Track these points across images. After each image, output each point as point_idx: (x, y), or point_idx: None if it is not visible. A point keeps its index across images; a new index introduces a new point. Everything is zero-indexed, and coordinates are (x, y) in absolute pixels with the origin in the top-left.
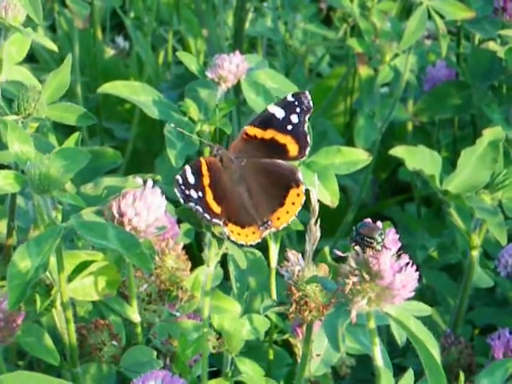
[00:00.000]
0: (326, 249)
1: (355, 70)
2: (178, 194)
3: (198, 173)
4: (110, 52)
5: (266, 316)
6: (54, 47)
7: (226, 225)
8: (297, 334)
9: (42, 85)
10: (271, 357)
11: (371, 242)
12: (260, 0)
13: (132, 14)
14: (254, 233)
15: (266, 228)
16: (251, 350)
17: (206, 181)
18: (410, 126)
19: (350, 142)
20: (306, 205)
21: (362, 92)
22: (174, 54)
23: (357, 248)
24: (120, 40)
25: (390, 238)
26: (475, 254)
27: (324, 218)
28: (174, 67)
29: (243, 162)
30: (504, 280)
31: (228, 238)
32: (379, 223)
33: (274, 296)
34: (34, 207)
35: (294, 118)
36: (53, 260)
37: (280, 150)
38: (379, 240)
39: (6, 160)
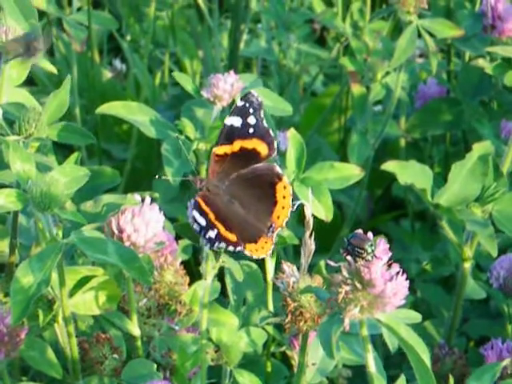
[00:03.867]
0: (322, 263)
1: (348, 88)
2: (205, 242)
3: (202, 212)
4: (107, 75)
5: (263, 329)
6: (53, 69)
7: (245, 247)
8: (293, 346)
9: (41, 106)
10: (269, 369)
11: (362, 253)
12: (254, 21)
13: (128, 37)
14: (266, 242)
15: (273, 232)
16: (249, 364)
17: (212, 216)
18: (402, 143)
19: (344, 159)
20: (302, 220)
21: (354, 109)
22: (170, 76)
23: (349, 258)
24: (117, 63)
25: (381, 248)
26: (467, 266)
27: (319, 234)
28: (171, 88)
29: (226, 183)
30: (496, 292)
31: (251, 256)
32: (370, 234)
33: (271, 309)
34: (36, 225)
35: (252, 120)
36: (54, 276)
37: (252, 156)
38: (369, 250)
39: (7, 179)
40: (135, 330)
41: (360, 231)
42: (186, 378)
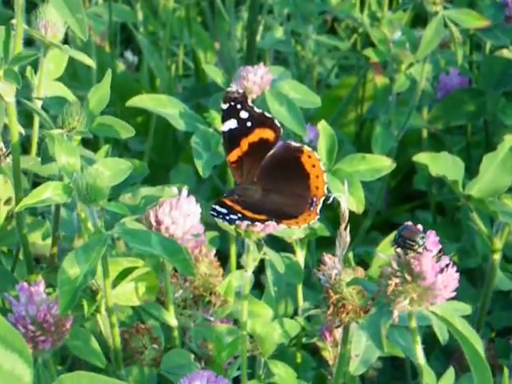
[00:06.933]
0: (350, 254)
1: (365, 79)
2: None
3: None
4: (120, 67)
5: (296, 320)
6: (91, 63)
7: (280, 223)
8: (325, 338)
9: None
10: (299, 360)
11: (413, 245)
12: (267, 12)
13: (142, 29)
14: (309, 215)
15: (317, 204)
16: (278, 354)
17: (238, 207)
18: (425, 134)
19: (360, 150)
20: (327, 215)
21: (377, 100)
22: (183, 68)
23: (398, 250)
24: (128, 54)
25: (431, 240)
26: (497, 257)
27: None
28: (183, 80)
29: (255, 180)
30: None
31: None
32: (420, 226)
33: (301, 300)
34: (79, 217)
35: (244, 114)
36: (98, 267)
37: (264, 145)
38: (421, 243)
39: (50, 172)
40: (172, 321)
41: (410, 223)
42: (222, 368)
